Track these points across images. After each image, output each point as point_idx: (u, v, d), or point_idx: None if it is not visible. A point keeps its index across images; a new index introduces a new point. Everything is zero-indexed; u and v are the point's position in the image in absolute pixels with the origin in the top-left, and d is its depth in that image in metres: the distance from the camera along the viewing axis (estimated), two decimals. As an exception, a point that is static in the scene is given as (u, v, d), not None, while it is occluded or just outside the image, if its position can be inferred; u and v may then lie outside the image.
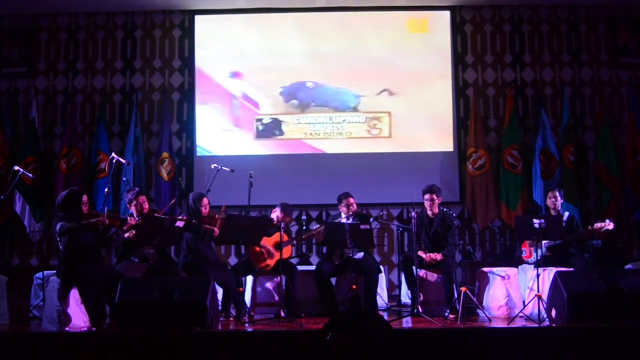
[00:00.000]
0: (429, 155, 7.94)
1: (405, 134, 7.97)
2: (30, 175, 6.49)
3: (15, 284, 6.32)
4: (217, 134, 8.03)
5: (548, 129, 7.66)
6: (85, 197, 5.50)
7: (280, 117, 8.01)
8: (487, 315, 5.69)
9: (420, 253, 6.01)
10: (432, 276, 6.17)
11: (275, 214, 6.33)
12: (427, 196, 6.24)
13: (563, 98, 7.83)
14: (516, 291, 6.03)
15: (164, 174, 7.72)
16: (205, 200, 6.01)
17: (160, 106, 8.07)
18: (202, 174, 7.62)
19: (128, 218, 5.71)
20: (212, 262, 6.00)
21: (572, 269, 5.83)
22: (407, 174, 7.77)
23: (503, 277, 6.03)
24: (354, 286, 5.87)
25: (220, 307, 5.79)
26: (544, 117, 7.70)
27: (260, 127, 8.02)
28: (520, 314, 5.66)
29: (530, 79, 8.10)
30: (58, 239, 5.43)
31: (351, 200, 6.37)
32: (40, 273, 6.19)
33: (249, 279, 6.35)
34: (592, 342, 3.84)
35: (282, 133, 8.01)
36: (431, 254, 6.05)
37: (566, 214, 6.30)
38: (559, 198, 6.23)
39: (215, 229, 5.86)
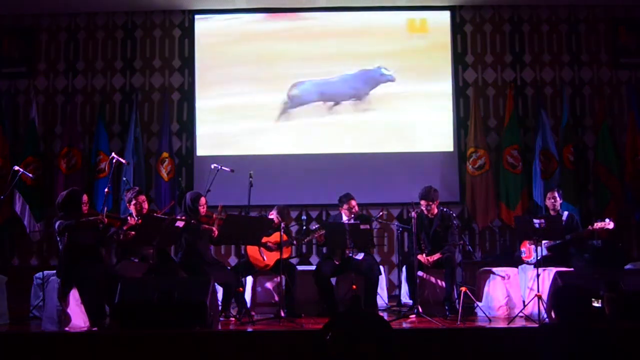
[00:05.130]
0: (429, 155, 7.94)
1: (406, 134, 7.97)
2: (30, 175, 6.48)
3: (15, 284, 6.33)
4: (217, 134, 8.02)
5: (548, 129, 7.66)
6: (85, 197, 5.51)
7: (280, 117, 8.00)
8: (487, 315, 5.69)
9: (419, 257, 6.02)
10: (432, 276, 6.18)
11: (272, 217, 6.33)
12: (423, 202, 6.25)
13: (563, 98, 7.83)
14: (516, 291, 6.04)
15: (164, 174, 7.72)
16: (202, 200, 6.02)
17: (160, 106, 8.06)
18: (202, 174, 7.62)
19: (128, 218, 5.72)
20: (210, 262, 6.01)
21: (572, 269, 5.83)
22: (407, 174, 7.76)
23: (503, 277, 6.03)
24: (354, 286, 5.88)
25: (220, 307, 5.80)
26: (544, 117, 7.70)
27: (261, 127, 8.01)
28: (520, 314, 5.67)
29: (530, 79, 8.09)
30: (58, 239, 5.44)
31: (353, 202, 6.37)
32: (40, 273, 6.18)
33: (249, 279, 6.36)
34: (592, 342, 3.84)
35: (282, 133, 8.00)
36: (429, 257, 6.07)
37: (565, 213, 6.31)
38: (558, 198, 6.25)
39: (214, 229, 5.87)
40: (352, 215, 6.32)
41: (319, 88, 7.99)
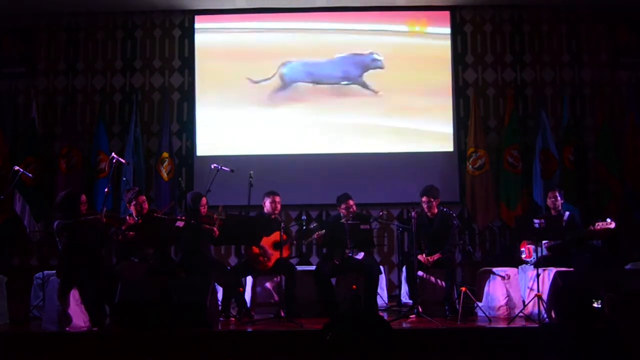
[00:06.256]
0: (429, 155, 7.94)
1: (405, 133, 7.97)
2: (30, 175, 6.48)
3: (15, 284, 6.33)
4: (217, 133, 8.03)
5: (548, 129, 7.65)
6: (83, 197, 5.52)
7: (280, 116, 8.00)
8: (487, 315, 5.69)
9: (419, 257, 6.02)
10: (432, 276, 6.18)
11: (265, 207, 6.35)
12: (424, 199, 6.26)
13: (563, 98, 7.82)
14: (516, 291, 6.04)
15: (164, 174, 7.72)
16: (203, 200, 6.03)
17: (160, 106, 8.06)
18: (202, 174, 7.61)
19: (127, 217, 5.72)
20: (210, 262, 6.01)
21: (572, 269, 5.83)
22: (407, 174, 7.76)
23: (503, 277, 6.03)
24: (354, 286, 5.88)
25: (220, 307, 5.80)
26: (544, 117, 7.69)
27: (261, 127, 8.01)
28: (520, 314, 5.67)
29: (530, 79, 8.09)
30: (57, 239, 5.44)
31: (350, 202, 6.38)
32: (40, 273, 6.19)
33: (249, 279, 6.36)
34: (592, 342, 3.85)
35: (282, 132, 8.00)
36: (429, 257, 6.07)
37: (566, 213, 6.31)
38: (558, 198, 6.26)
39: (215, 229, 5.88)
40: (350, 215, 6.30)
41: (307, 68, 8.01)
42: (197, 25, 8.15)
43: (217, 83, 8.08)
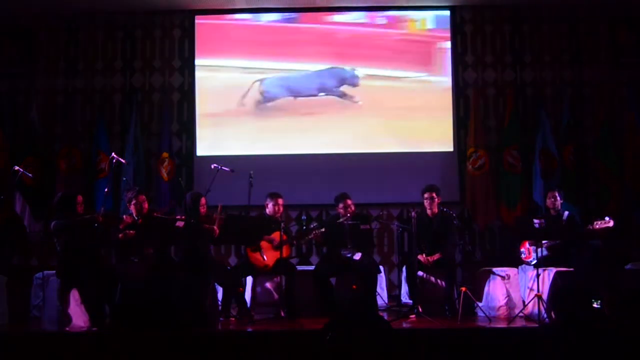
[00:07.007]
0: (429, 155, 7.94)
1: (406, 134, 7.97)
2: (30, 175, 6.48)
3: (15, 284, 6.33)
4: (217, 134, 8.03)
5: (548, 129, 7.65)
6: (80, 197, 5.52)
7: (280, 116, 8.00)
8: (487, 315, 5.69)
9: (419, 257, 6.02)
10: (432, 276, 6.19)
11: (268, 208, 6.35)
12: (426, 194, 6.27)
13: (563, 98, 7.82)
14: (516, 291, 6.04)
15: (164, 174, 7.72)
16: (203, 200, 6.04)
17: (160, 106, 8.06)
18: (202, 174, 7.62)
19: (124, 217, 5.72)
20: (210, 262, 6.01)
21: (572, 269, 5.83)
22: (407, 174, 7.76)
23: (503, 277, 6.04)
24: (354, 286, 5.88)
25: (220, 307, 5.81)
26: (544, 117, 7.69)
27: (261, 127, 8.01)
28: (520, 314, 5.67)
29: (530, 79, 8.09)
30: (55, 240, 5.45)
31: (349, 201, 6.39)
32: (40, 273, 6.19)
33: (249, 279, 6.36)
34: (592, 342, 3.85)
35: (281, 132, 8.00)
36: (429, 257, 6.08)
37: (565, 213, 6.32)
38: (558, 198, 6.26)
39: (216, 229, 5.88)
40: (348, 215, 6.30)
41: (284, 82, 8.00)
42: (197, 62, 8.10)
43: (217, 83, 8.08)
